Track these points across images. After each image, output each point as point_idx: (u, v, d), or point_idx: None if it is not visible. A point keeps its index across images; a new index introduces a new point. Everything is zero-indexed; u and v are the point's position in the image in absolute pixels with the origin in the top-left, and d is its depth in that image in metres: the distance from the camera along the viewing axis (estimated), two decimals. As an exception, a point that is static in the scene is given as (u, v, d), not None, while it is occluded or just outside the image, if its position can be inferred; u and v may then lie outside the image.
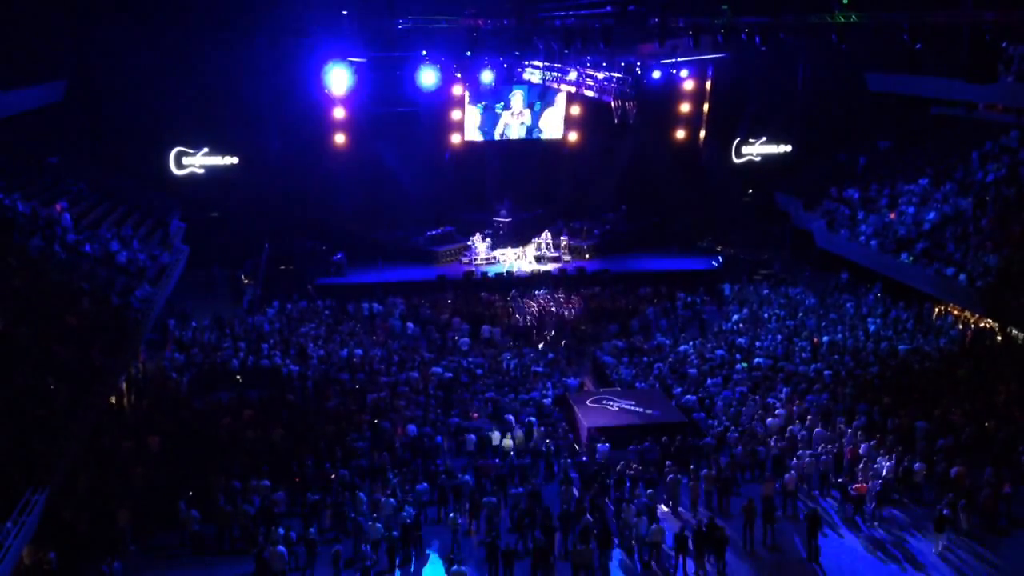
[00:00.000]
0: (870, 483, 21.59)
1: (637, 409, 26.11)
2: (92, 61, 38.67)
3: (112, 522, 19.97)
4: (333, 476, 22.14)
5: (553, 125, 44.11)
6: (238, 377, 28.49)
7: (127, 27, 37.01)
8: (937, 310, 34.06)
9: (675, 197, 46.42)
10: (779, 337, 31.80)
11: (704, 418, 25.90)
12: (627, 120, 37.31)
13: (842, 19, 26.44)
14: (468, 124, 43.43)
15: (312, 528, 20.07)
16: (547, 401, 27.39)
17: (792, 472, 22.42)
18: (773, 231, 46.01)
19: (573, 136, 44.86)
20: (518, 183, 45.99)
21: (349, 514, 20.59)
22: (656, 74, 38.61)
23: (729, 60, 40.30)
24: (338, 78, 33.10)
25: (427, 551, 20.26)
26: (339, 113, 39.41)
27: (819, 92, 45.10)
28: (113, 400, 25.80)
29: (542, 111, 43.71)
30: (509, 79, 38.73)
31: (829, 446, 23.65)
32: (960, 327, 32.44)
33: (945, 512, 20.31)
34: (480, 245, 41.46)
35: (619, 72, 36.22)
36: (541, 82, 39.81)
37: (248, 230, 40.78)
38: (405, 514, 20.26)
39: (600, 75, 36.46)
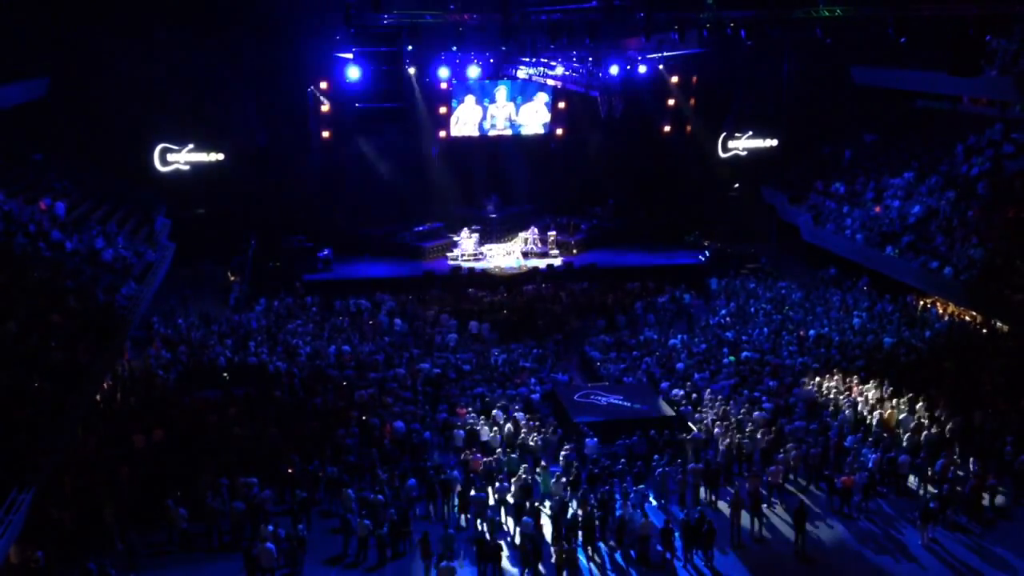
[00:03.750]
0: (856, 475, 21.70)
1: (625, 404, 26.20)
2: (75, 57, 38.15)
3: (99, 521, 19.87)
4: (321, 473, 22.12)
5: (532, 121, 44.00)
6: (225, 375, 28.37)
7: (110, 23, 36.68)
8: (922, 303, 34.25)
9: (662, 192, 46.54)
10: (766, 331, 31.93)
11: (692, 412, 25.99)
12: (613, 115, 37.44)
13: (827, 13, 26.54)
14: (465, 118, 43.15)
15: (301, 525, 20.03)
16: (535, 396, 27.43)
17: (779, 465, 22.55)
18: (759, 225, 46.15)
19: (559, 131, 44.81)
20: (505, 178, 45.98)
21: (337, 510, 20.56)
22: (642, 69, 38.71)
23: (715, 54, 40.34)
24: (323, 74, 33.02)
25: (415, 547, 20.25)
26: (324, 108, 39.26)
27: (804, 86, 45.14)
28: (99, 398, 25.65)
29: (522, 106, 43.66)
30: (495, 74, 38.63)
31: (815, 439, 23.80)
32: (945, 320, 32.64)
33: (931, 504, 20.48)
34: (467, 241, 41.40)
35: (605, 67, 36.28)
36: (527, 77, 39.76)
37: (234, 227, 40.59)
38: (392, 510, 20.26)
39: (586, 70, 36.48)
